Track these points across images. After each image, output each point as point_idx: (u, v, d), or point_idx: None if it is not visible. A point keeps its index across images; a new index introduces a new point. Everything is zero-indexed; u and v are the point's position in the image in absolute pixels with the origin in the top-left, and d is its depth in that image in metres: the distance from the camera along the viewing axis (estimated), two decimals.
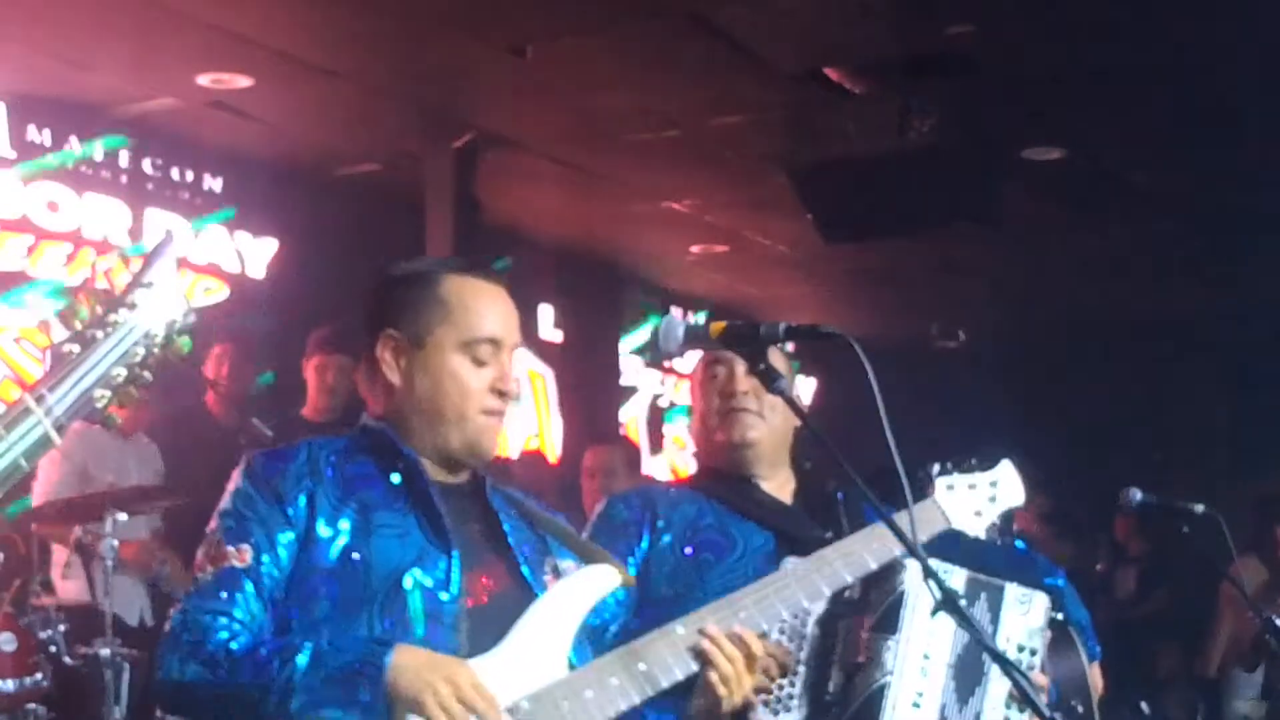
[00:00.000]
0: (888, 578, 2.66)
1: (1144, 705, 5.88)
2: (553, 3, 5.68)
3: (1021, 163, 7.11)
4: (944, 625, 2.65)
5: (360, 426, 2.40)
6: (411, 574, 2.21)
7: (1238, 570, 4.34)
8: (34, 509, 5.26)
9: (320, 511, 2.23)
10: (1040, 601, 2.80)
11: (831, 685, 2.63)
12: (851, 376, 2.07)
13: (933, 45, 6.00)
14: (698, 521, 2.91)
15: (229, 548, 2.20)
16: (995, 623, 2.73)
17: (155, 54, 6.14)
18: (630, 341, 10.30)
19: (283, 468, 2.26)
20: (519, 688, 2.17)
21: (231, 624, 2.16)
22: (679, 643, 2.28)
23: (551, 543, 2.43)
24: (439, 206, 7.35)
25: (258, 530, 2.21)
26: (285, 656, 2.09)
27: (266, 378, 7.03)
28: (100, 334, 1.77)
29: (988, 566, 2.91)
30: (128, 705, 4.97)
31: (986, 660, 2.69)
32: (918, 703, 2.62)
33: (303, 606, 2.20)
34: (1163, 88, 6.27)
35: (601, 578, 2.33)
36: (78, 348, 1.76)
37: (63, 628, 4.83)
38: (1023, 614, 2.77)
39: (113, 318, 1.79)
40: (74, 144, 6.81)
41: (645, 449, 9.63)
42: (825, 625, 2.67)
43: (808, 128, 6.63)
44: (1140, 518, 7.23)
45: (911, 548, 2.05)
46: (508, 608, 2.24)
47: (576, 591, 2.30)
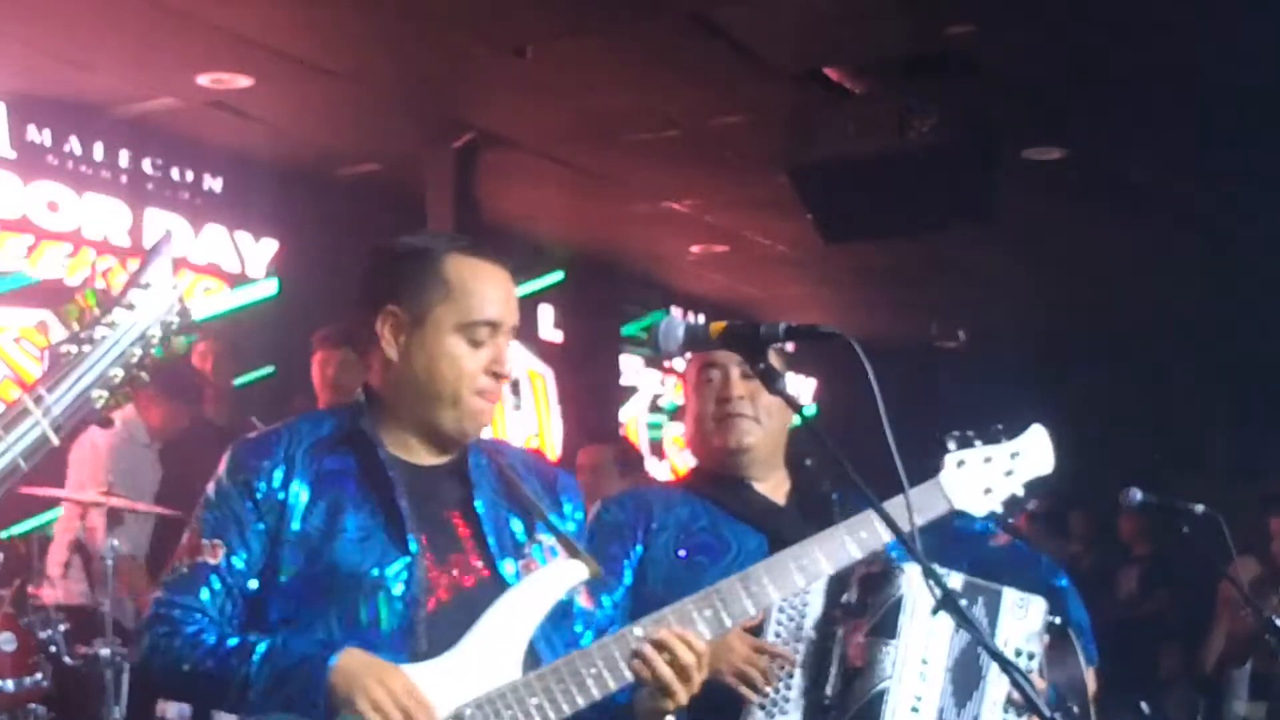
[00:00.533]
0: (885, 582, 2.65)
1: (1144, 705, 5.88)
2: (553, 3, 5.68)
3: (1021, 163, 7.11)
4: (942, 629, 2.65)
5: (352, 404, 2.40)
6: (371, 577, 2.23)
7: (1236, 570, 4.34)
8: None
9: (292, 506, 2.27)
10: (1038, 606, 2.79)
11: (829, 689, 2.63)
12: (851, 376, 2.07)
13: (933, 45, 6.00)
14: (691, 524, 2.91)
15: (204, 541, 2.28)
16: (993, 627, 2.73)
17: (155, 54, 6.14)
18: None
19: (258, 463, 2.30)
20: (467, 691, 2.17)
21: (201, 618, 2.24)
22: (631, 645, 2.25)
23: (539, 523, 2.41)
24: (439, 206, 7.35)
25: (232, 526, 2.27)
26: (243, 654, 2.18)
27: (265, 372, 7.01)
28: (98, 334, 1.77)
29: (988, 568, 2.91)
30: (128, 705, 4.97)
31: (984, 664, 2.69)
32: (916, 707, 2.62)
33: (272, 601, 2.27)
34: (1163, 88, 6.27)
35: (568, 572, 2.31)
36: (76, 348, 1.76)
37: (63, 628, 4.83)
38: (1020, 618, 2.77)
39: (110, 318, 1.78)
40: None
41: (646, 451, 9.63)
42: (822, 629, 2.67)
43: (808, 128, 6.62)
44: (1145, 518, 7.23)
45: (912, 549, 2.05)
46: (474, 602, 2.24)
47: (540, 588, 2.28)
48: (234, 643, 2.21)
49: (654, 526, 2.90)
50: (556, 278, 9.47)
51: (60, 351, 1.75)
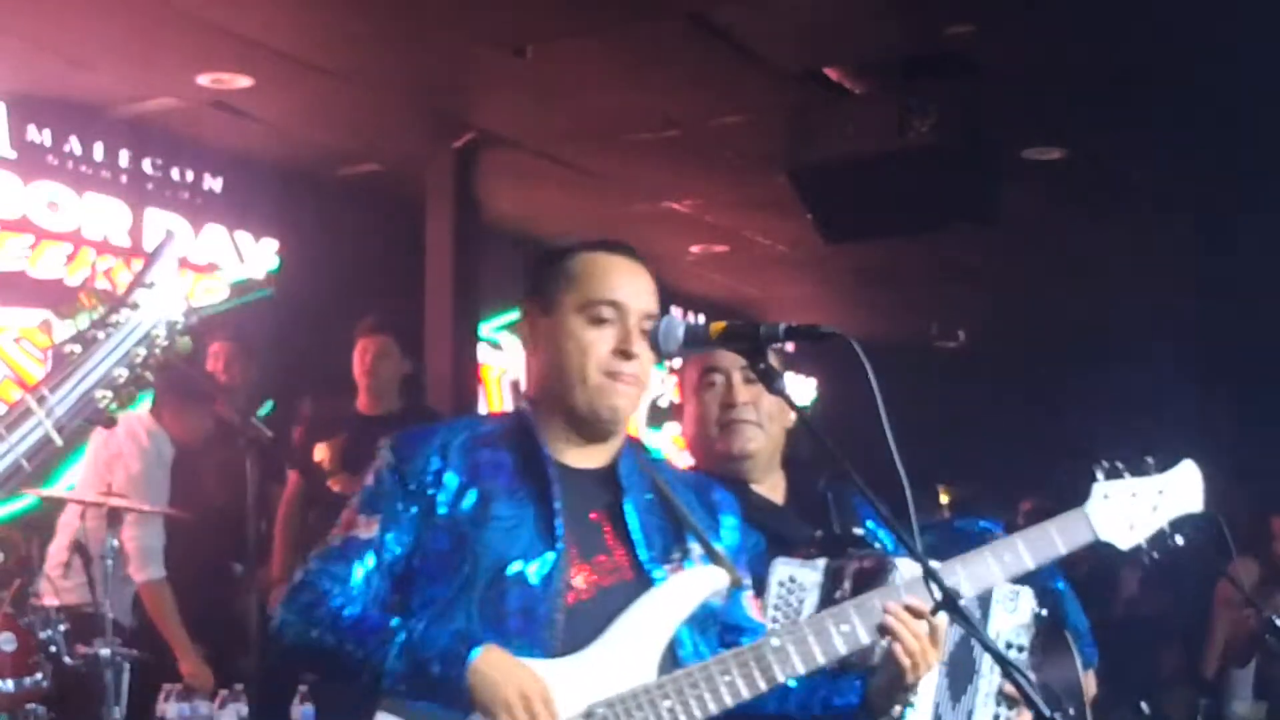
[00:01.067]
0: (879, 578, 2.66)
1: (1144, 705, 5.88)
2: (553, 3, 5.68)
3: (1021, 163, 7.11)
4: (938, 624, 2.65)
5: (514, 410, 2.48)
6: (514, 568, 2.25)
7: (1236, 570, 4.34)
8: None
9: (443, 493, 2.31)
10: (1026, 597, 2.82)
11: None
12: (851, 377, 2.07)
13: (933, 45, 6.00)
14: None
15: (360, 517, 2.34)
16: (985, 620, 2.75)
17: (155, 54, 6.13)
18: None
19: (414, 452, 2.36)
20: (600, 689, 2.18)
21: (347, 591, 2.27)
22: (768, 652, 2.26)
23: (688, 532, 2.43)
24: (439, 206, 7.35)
25: (388, 506, 2.32)
26: (383, 638, 2.20)
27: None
28: (102, 334, 1.77)
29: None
30: (128, 705, 4.97)
31: (977, 659, 2.71)
32: (912, 702, 2.62)
33: (417, 584, 2.30)
34: (1163, 88, 6.27)
35: (710, 578, 2.33)
36: (79, 348, 1.76)
37: (63, 628, 4.82)
38: (1010, 611, 2.79)
39: (114, 318, 1.78)
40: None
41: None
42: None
43: (808, 128, 6.62)
44: None
45: (913, 550, 2.05)
46: (614, 602, 2.27)
47: (682, 592, 2.30)
48: (376, 624, 2.23)
49: None
50: None
51: (64, 351, 1.74)
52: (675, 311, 11.34)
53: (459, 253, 7.33)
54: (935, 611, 2.12)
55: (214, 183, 7.46)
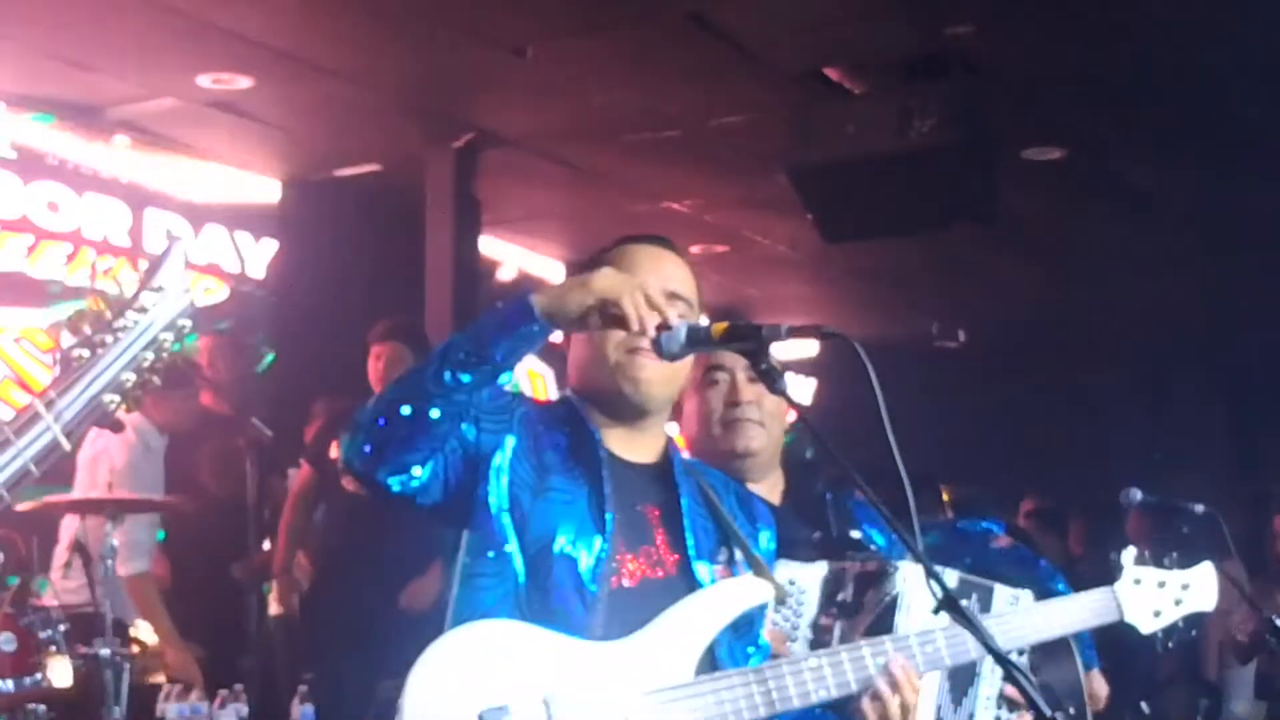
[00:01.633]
0: (881, 580, 2.66)
1: (1144, 705, 5.88)
2: (553, 3, 5.68)
3: (1021, 163, 7.11)
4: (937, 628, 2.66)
5: (561, 398, 2.47)
6: (561, 542, 2.24)
7: (1234, 570, 4.35)
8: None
9: (504, 447, 2.28)
10: (1027, 600, 2.82)
11: None
12: (851, 377, 2.07)
13: (933, 45, 6.00)
14: None
15: None
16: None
17: (155, 54, 6.13)
18: None
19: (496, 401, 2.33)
20: (639, 681, 2.17)
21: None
22: (805, 671, 2.26)
23: (730, 536, 2.42)
24: (439, 206, 7.34)
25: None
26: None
27: (266, 362, 6.97)
28: (110, 339, 1.76)
29: (989, 568, 2.92)
30: (128, 705, 4.97)
31: (978, 661, 2.70)
32: None
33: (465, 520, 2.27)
34: (1163, 88, 6.27)
35: (757, 589, 2.33)
36: (87, 352, 1.75)
37: (63, 628, 4.82)
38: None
39: (122, 322, 1.78)
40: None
41: None
42: (818, 627, 2.67)
43: (808, 128, 6.62)
44: (1147, 517, 7.22)
45: (914, 551, 2.05)
46: (657, 596, 2.25)
47: (730, 597, 2.30)
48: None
49: None
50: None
51: (71, 355, 1.74)
52: None
53: (459, 253, 7.33)
54: (936, 611, 2.12)
55: (214, 182, 7.46)
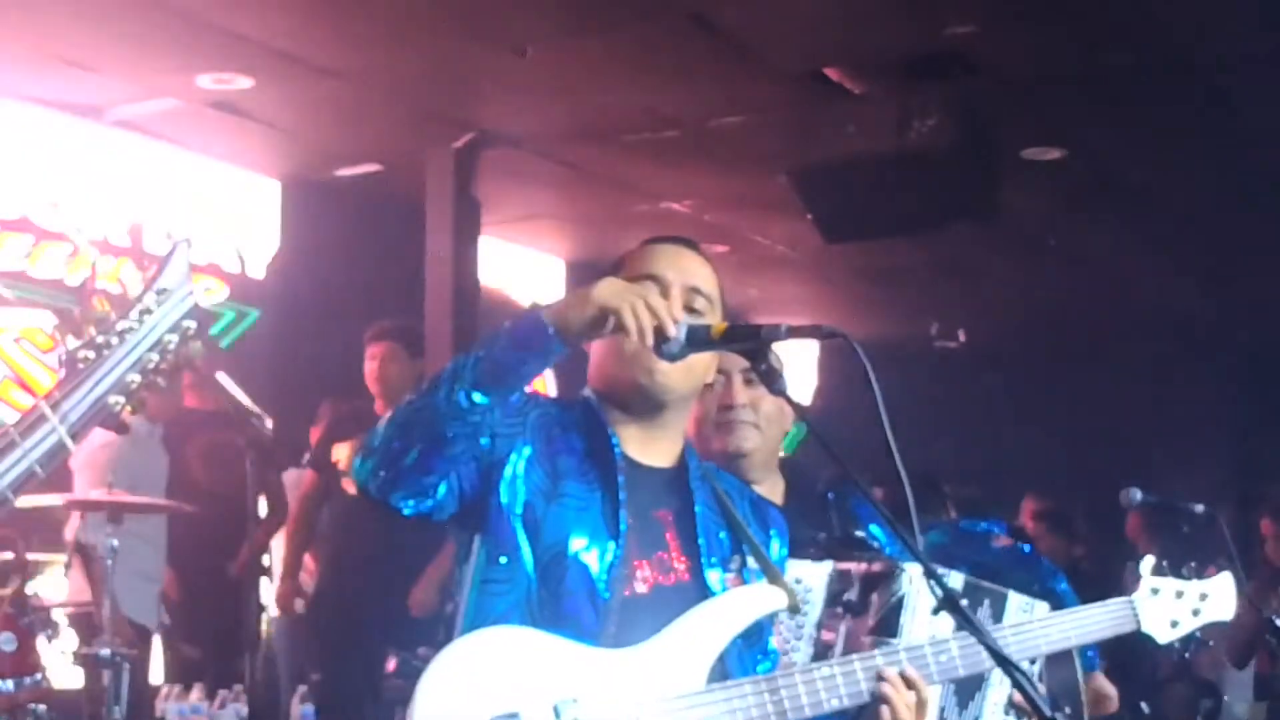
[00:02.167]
0: (887, 582, 2.66)
1: (1144, 705, 5.88)
2: (553, 3, 5.68)
3: (1021, 163, 7.11)
4: (943, 629, 2.65)
5: (580, 399, 2.43)
6: (575, 547, 2.23)
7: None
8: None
9: (516, 454, 2.26)
10: (1041, 610, 2.81)
11: None
12: (851, 377, 2.07)
13: (933, 45, 5.99)
14: None
15: None
16: (1000, 624, 2.74)
17: (155, 54, 6.13)
18: None
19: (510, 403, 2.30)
20: (650, 687, 2.16)
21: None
22: (817, 680, 2.25)
23: (744, 544, 2.41)
24: (439, 206, 7.34)
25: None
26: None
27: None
28: (115, 340, 1.76)
29: (990, 568, 2.92)
30: (128, 705, 4.97)
31: (986, 665, 2.69)
32: None
33: (480, 527, 2.25)
34: (1163, 88, 6.27)
35: (771, 597, 2.32)
36: (92, 354, 1.75)
37: (63, 628, 4.83)
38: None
39: (127, 324, 1.77)
40: None
41: None
42: (823, 628, 2.67)
43: (808, 128, 6.62)
44: (1148, 517, 7.22)
45: (913, 549, 2.04)
46: (670, 603, 2.24)
47: (743, 604, 2.29)
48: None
49: None
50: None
51: (76, 357, 1.74)
52: None
53: (459, 253, 7.33)
54: (936, 612, 2.12)
55: (215, 182, 7.47)
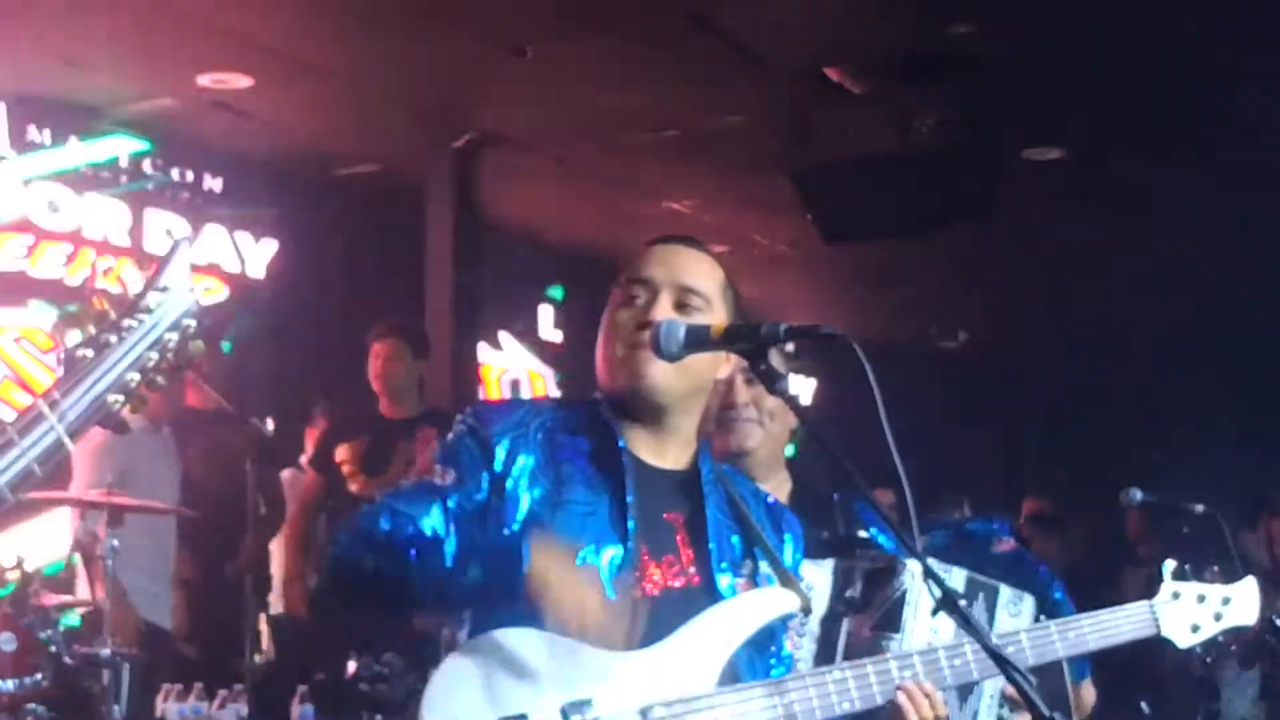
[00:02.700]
0: (889, 578, 2.66)
1: (1144, 705, 5.87)
2: (553, 3, 5.68)
3: (1021, 163, 7.11)
4: (946, 625, 2.66)
5: (589, 400, 2.42)
6: (584, 554, 2.22)
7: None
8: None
9: (517, 469, 2.27)
10: (1029, 605, 2.84)
11: None
12: (851, 377, 2.07)
13: (933, 45, 6.00)
14: None
15: (437, 466, 2.30)
16: (991, 623, 2.75)
17: (155, 54, 6.14)
18: None
19: (495, 419, 2.32)
20: (660, 690, 2.16)
21: (408, 524, 2.21)
22: (829, 684, 2.25)
23: (757, 547, 2.40)
24: (439, 206, 7.35)
25: (466, 462, 2.28)
26: (436, 550, 2.18)
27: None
28: (114, 338, 1.75)
29: (989, 572, 2.92)
30: (128, 705, 4.97)
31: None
32: None
33: (480, 551, 2.24)
34: (1162, 88, 6.27)
35: (781, 600, 2.31)
36: (91, 352, 1.74)
37: (63, 628, 4.83)
38: (1013, 615, 2.81)
39: (127, 322, 1.77)
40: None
41: None
42: (827, 624, 2.67)
43: (808, 128, 6.63)
44: (1148, 518, 7.21)
45: (912, 548, 2.04)
46: (680, 606, 2.24)
47: (753, 608, 2.28)
48: (429, 539, 2.19)
49: None
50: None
51: (75, 355, 1.73)
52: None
53: (459, 253, 7.33)
54: (935, 612, 2.12)
55: (214, 183, 7.47)
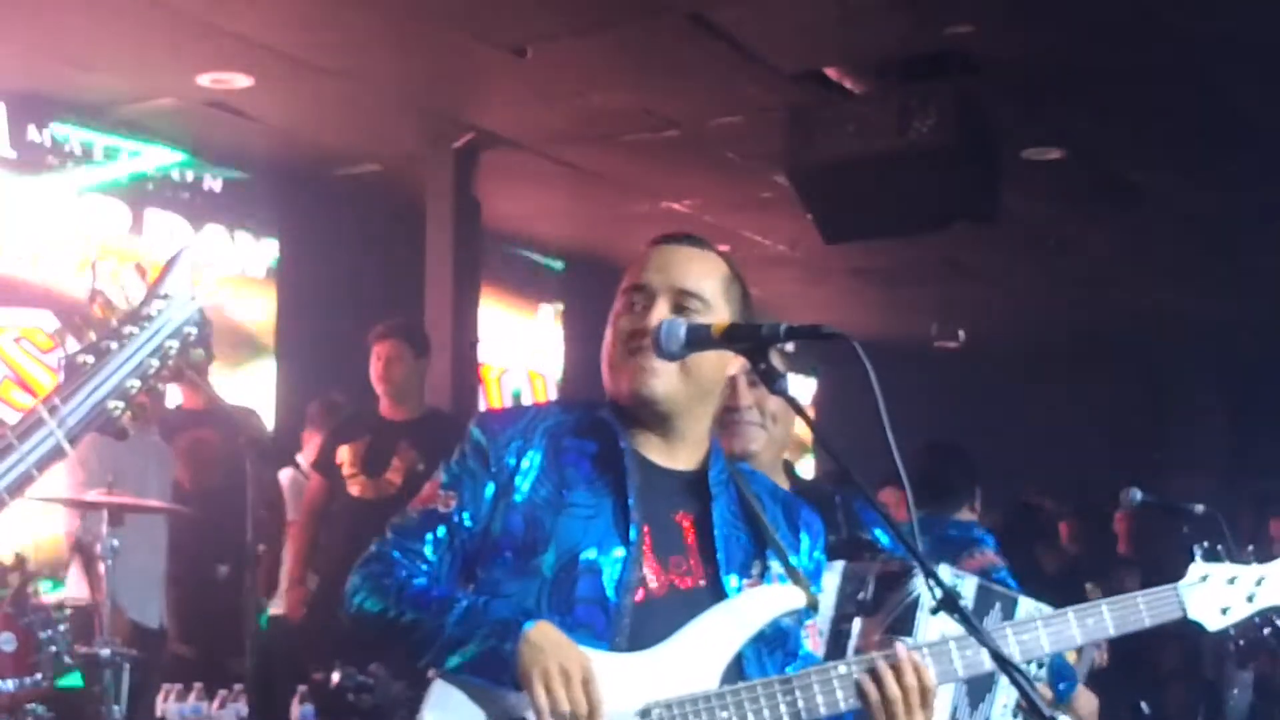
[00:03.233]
0: (901, 581, 2.65)
1: (1144, 705, 5.88)
2: (553, 3, 5.68)
3: (1021, 163, 7.11)
4: (958, 630, 2.65)
5: (598, 403, 2.41)
6: (587, 555, 2.23)
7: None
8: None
9: (523, 474, 2.29)
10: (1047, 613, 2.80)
11: None
12: (851, 377, 2.06)
13: (933, 45, 6.00)
14: None
15: (440, 492, 2.32)
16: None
17: (155, 54, 6.13)
18: None
19: (498, 429, 2.34)
20: (661, 690, 2.15)
21: (417, 563, 2.27)
22: (834, 679, 2.22)
23: (769, 548, 2.38)
24: (439, 206, 7.35)
25: (466, 482, 2.31)
26: (445, 606, 2.20)
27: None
28: (115, 345, 1.75)
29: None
30: (128, 705, 4.97)
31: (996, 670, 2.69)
32: None
33: (486, 562, 2.28)
34: (1163, 88, 6.27)
35: (786, 597, 2.30)
36: (92, 359, 1.74)
37: (63, 628, 4.82)
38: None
39: (128, 329, 1.77)
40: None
41: None
42: (837, 626, 2.67)
43: (808, 128, 6.62)
44: (1145, 518, 7.22)
45: (914, 551, 2.04)
46: (685, 606, 2.23)
47: (757, 606, 2.27)
48: (440, 594, 2.23)
49: None
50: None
51: (76, 361, 1.73)
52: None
53: (459, 253, 7.34)
54: (935, 612, 2.11)
55: (214, 183, 7.47)
